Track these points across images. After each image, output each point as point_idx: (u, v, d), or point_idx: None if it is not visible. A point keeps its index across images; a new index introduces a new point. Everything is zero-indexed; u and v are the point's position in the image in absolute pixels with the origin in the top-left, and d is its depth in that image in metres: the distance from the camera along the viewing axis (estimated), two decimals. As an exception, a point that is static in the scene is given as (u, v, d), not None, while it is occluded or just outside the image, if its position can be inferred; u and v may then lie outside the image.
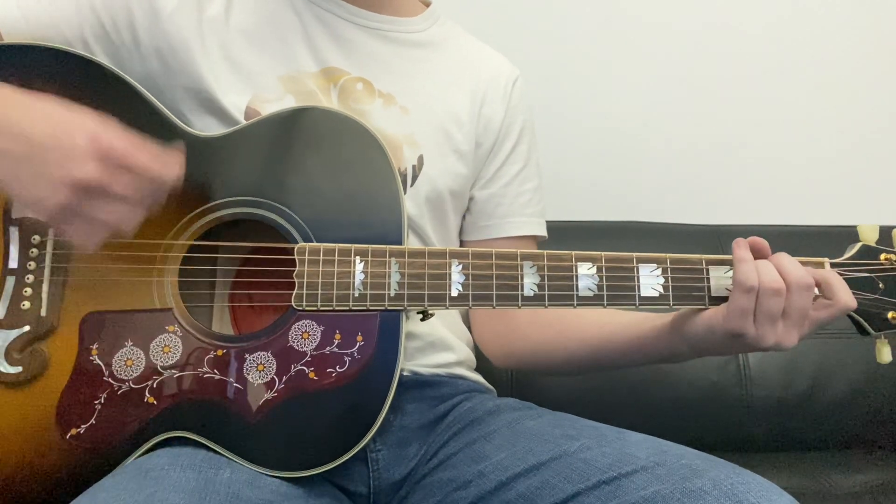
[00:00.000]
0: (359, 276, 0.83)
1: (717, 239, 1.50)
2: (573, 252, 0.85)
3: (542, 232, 1.12)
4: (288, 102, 0.95)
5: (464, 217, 1.10)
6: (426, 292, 0.83)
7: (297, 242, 0.84)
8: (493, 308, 0.84)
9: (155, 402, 0.80)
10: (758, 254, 0.85)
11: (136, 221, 0.74)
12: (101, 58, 0.91)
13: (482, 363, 1.11)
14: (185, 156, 0.78)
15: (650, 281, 0.85)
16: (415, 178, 0.99)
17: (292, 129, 0.88)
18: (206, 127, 0.93)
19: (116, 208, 0.72)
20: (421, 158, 0.99)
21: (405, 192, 0.96)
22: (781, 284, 0.81)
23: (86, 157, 0.70)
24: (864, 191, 1.74)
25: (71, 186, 0.70)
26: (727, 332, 0.84)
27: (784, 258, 0.84)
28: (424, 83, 1.04)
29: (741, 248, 0.84)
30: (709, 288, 0.86)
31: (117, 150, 0.71)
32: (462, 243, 1.11)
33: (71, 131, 0.71)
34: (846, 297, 0.84)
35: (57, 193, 0.70)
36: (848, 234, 0.91)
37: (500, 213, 1.09)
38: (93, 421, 0.79)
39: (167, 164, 0.74)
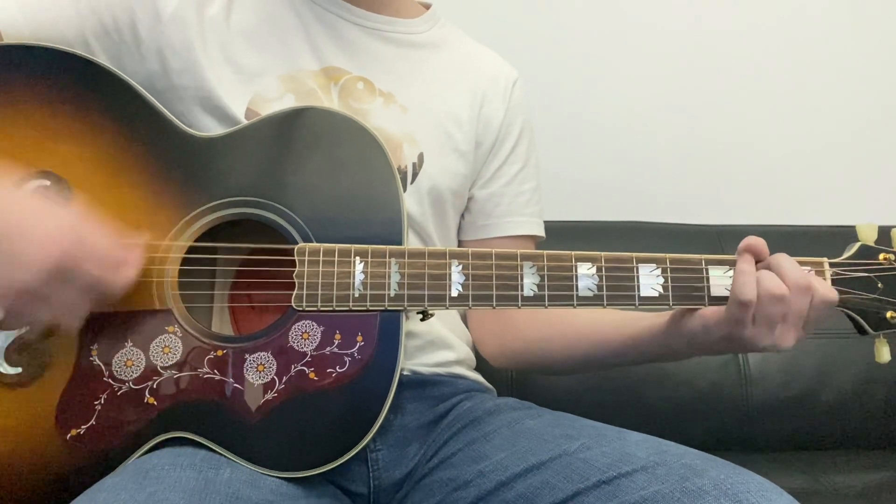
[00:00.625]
0: (359, 277, 0.83)
1: (717, 239, 1.50)
2: (573, 252, 0.85)
3: (541, 232, 1.12)
4: (288, 101, 0.95)
5: (462, 217, 1.10)
6: (426, 292, 0.83)
7: (296, 243, 0.84)
8: (494, 308, 0.84)
9: (155, 403, 0.80)
10: (756, 255, 0.85)
11: (80, 320, 0.76)
12: (102, 58, 0.91)
13: (482, 363, 1.11)
14: (141, 258, 0.80)
15: (650, 281, 0.85)
16: (415, 175, 0.99)
17: (292, 129, 0.88)
18: (207, 127, 0.93)
19: (61, 311, 0.74)
20: (421, 156, 0.99)
21: (405, 190, 0.96)
22: (784, 290, 0.81)
23: (35, 268, 0.71)
24: (863, 191, 1.74)
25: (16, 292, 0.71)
26: (722, 336, 0.84)
27: (783, 259, 0.84)
28: (424, 83, 1.04)
29: (744, 260, 0.83)
30: (708, 288, 0.85)
31: (68, 262, 0.72)
32: (460, 243, 1.11)
33: (29, 237, 0.72)
34: (823, 290, 0.83)
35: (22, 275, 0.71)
36: (847, 234, 0.91)
37: (500, 213, 1.09)
38: (93, 421, 0.79)
39: (119, 270, 0.77)
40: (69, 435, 0.79)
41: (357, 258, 0.83)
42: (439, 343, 1.01)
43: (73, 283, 0.73)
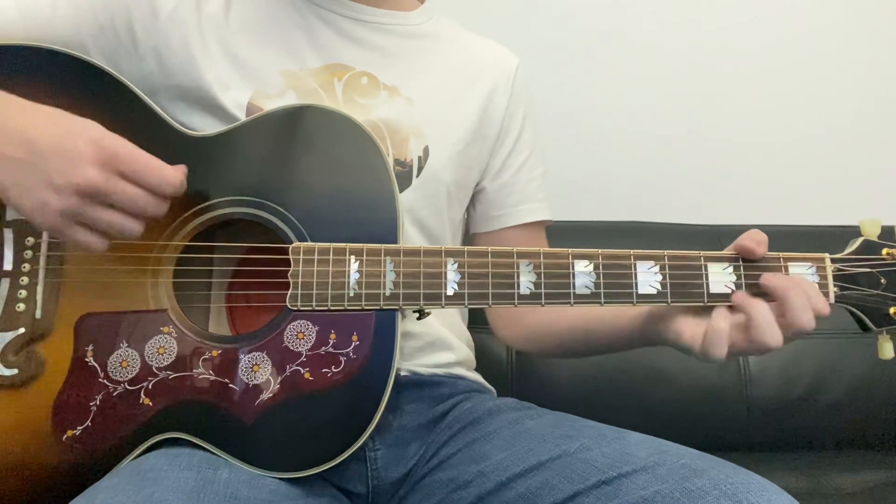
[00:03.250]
0: (354, 276, 0.82)
1: (717, 239, 1.49)
2: (569, 249, 0.85)
3: (551, 216, 1.13)
4: (289, 98, 0.95)
5: (474, 208, 1.11)
6: (422, 291, 0.82)
7: (292, 242, 0.83)
8: (490, 307, 0.84)
9: (150, 404, 0.80)
10: (760, 246, 0.84)
11: (136, 231, 0.76)
12: (98, 58, 0.91)
13: (482, 363, 1.10)
14: (186, 171, 0.79)
15: (648, 278, 0.84)
16: (420, 168, 0.98)
17: (287, 128, 0.87)
18: (205, 126, 0.92)
19: (116, 217, 0.74)
20: (426, 149, 0.99)
21: (411, 184, 0.96)
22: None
23: (88, 163, 0.71)
24: (864, 191, 1.74)
25: (72, 191, 0.71)
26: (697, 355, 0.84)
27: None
28: (427, 73, 1.04)
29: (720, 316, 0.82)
30: (707, 285, 0.85)
31: (121, 157, 0.73)
32: (474, 236, 1.12)
33: (75, 137, 0.73)
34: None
35: (58, 198, 0.71)
36: (848, 234, 0.90)
37: (513, 202, 1.09)
38: (89, 422, 0.79)
39: (170, 175, 0.75)
40: (65, 436, 0.79)
41: (352, 257, 0.83)
42: (439, 344, 1.00)
43: (128, 183, 0.73)
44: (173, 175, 0.76)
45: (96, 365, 0.80)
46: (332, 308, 0.82)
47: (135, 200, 0.74)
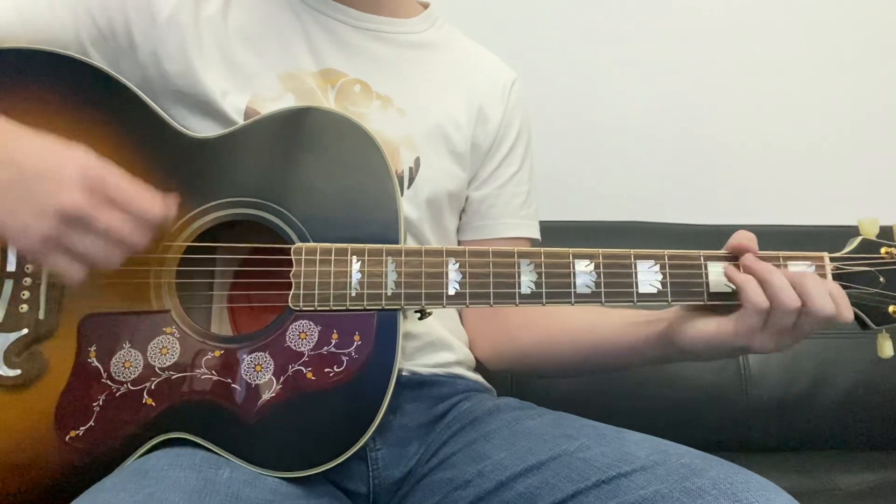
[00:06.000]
0: (355, 276, 0.83)
1: (718, 239, 1.48)
2: (570, 249, 0.85)
3: (537, 234, 1.12)
4: (288, 101, 0.94)
5: (459, 217, 1.10)
6: (423, 291, 0.83)
7: (293, 243, 0.84)
8: (491, 306, 0.84)
9: (153, 404, 0.80)
10: (751, 241, 0.85)
11: (118, 258, 0.75)
12: (98, 62, 0.91)
13: (481, 363, 1.10)
14: (177, 200, 0.79)
15: (648, 277, 0.85)
16: (412, 180, 0.99)
17: (289, 129, 0.88)
18: (205, 129, 0.92)
19: (97, 244, 0.73)
20: (418, 160, 0.99)
21: (402, 194, 0.96)
22: (798, 304, 0.80)
23: (74, 188, 0.71)
24: (863, 191, 1.74)
25: (55, 214, 0.70)
26: (734, 347, 0.84)
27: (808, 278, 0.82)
28: (422, 85, 1.04)
29: (742, 272, 0.83)
30: (707, 284, 0.85)
31: (107, 183, 0.72)
32: (459, 243, 1.10)
33: (63, 162, 0.72)
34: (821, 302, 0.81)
35: (41, 221, 0.70)
36: (847, 234, 0.91)
37: (494, 214, 1.09)
38: (92, 423, 0.79)
39: (155, 205, 0.75)
40: (68, 436, 0.79)
41: (354, 257, 0.83)
42: (439, 344, 1.01)
43: (113, 209, 0.72)
44: (160, 204, 0.75)
45: (99, 365, 0.80)
46: (334, 308, 0.82)
47: (118, 228, 0.73)
